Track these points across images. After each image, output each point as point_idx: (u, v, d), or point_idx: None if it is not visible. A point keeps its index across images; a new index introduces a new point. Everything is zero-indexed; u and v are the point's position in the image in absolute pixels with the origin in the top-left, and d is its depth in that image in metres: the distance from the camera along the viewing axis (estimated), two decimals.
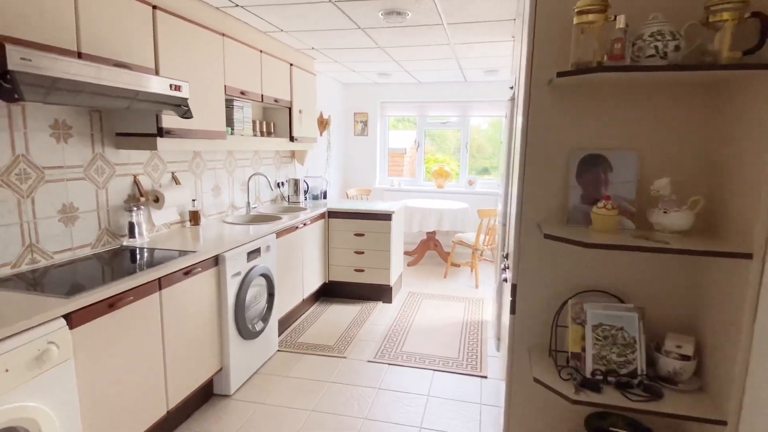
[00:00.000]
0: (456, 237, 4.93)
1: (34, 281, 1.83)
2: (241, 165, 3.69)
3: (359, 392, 2.65)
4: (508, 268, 1.97)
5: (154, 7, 2.25)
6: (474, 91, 5.79)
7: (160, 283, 2.01)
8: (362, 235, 4.02)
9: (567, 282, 1.59)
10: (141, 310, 1.91)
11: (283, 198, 4.38)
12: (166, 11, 2.32)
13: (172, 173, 2.90)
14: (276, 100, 3.56)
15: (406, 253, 5.80)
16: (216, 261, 2.43)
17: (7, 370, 1.31)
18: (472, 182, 5.98)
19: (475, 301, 4.23)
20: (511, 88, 2.77)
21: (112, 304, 1.75)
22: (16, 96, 1.42)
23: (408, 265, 5.44)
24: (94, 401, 1.69)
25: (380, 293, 4.15)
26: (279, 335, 3.34)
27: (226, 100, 3.07)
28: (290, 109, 3.85)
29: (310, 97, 4.20)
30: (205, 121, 2.68)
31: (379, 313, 3.89)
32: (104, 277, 1.88)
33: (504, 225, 2.54)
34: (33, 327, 1.42)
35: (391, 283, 4.11)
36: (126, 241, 2.49)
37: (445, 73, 5.14)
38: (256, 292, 2.82)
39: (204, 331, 2.36)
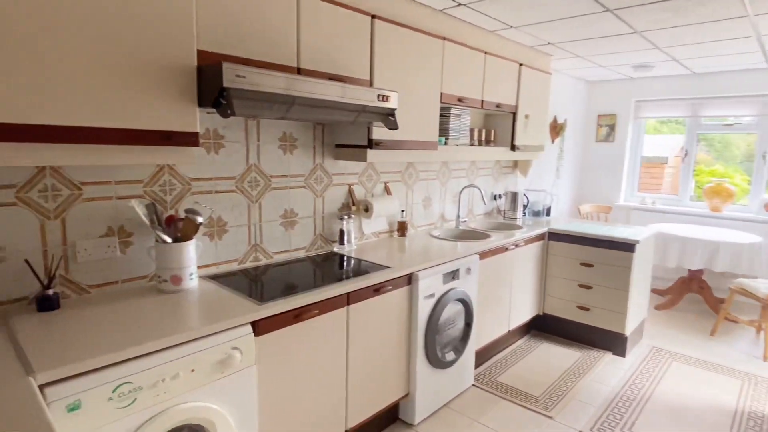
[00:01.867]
0: (737, 282, 3.57)
1: (254, 277, 2.01)
2: (455, 176, 3.49)
3: None
4: None
5: (373, 16, 2.22)
6: None
7: (348, 299, 1.95)
8: (591, 265, 3.28)
9: None
10: (326, 323, 1.88)
11: (498, 212, 4.00)
12: (384, 19, 2.27)
13: (385, 183, 2.90)
14: (498, 106, 3.21)
15: (654, 291, 4.60)
16: (409, 280, 2.26)
17: (192, 370, 1.39)
18: None
19: (760, 382, 2.94)
20: None
21: (297, 315, 1.75)
22: (229, 112, 1.52)
23: (656, 307, 4.27)
24: (272, 411, 1.72)
25: (610, 342, 3.32)
26: (476, 367, 3.00)
27: (442, 108, 2.89)
28: (515, 114, 3.43)
29: (541, 100, 3.68)
30: (415, 131, 2.55)
31: (606, 368, 3.10)
32: (314, 280, 1.93)
33: None
34: (222, 331, 1.49)
35: (627, 332, 3.22)
36: (336, 248, 2.58)
37: (736, 58, 3.78)
38: (450, 317, 2.55)
39: (390, 353, 2.23)
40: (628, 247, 3.11)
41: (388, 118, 2.17)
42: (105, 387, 1.20)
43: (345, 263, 2.30)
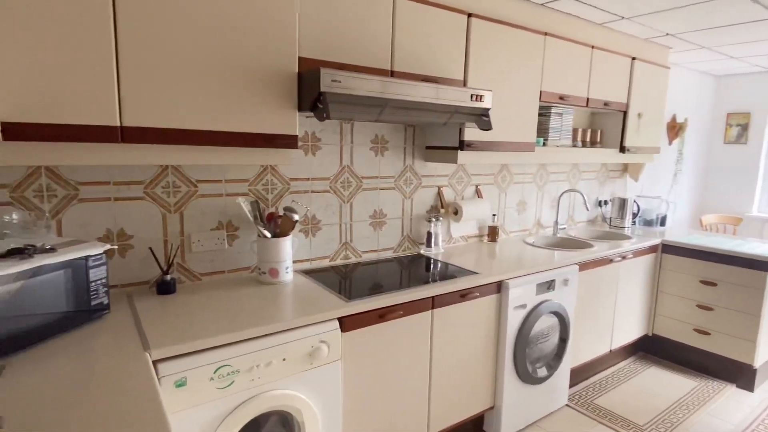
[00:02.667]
0: None
1: (344, 274, 2.07)
2: (554, 179, 3.28)
3: None
4: None
5: (470, 14, 2.17)
6: None
7: (433, 302, 1.93)
8: (713, 284, 2.87)
9: None
10: (410, 325, 1.87)
11: (603, 220, 3.68)
12: (481, 17, 2.21)
13: (476, 186, 2.82)
14: (606, 104, 2.95)
15: None
16: (498, 288, 2.17)
17: (284, 359, 1.47)
18: None
19: None
20: None
21: (382, 315, 1.77)
22: (325, 115, 1.58)
23: None
24: (355, 407, 1.75)
25: (734, 372, 2.88)
26: (571, 386, 2.79)
27: (541, 107, 2.74)
28: (625, 113, 3.13)
29: (656, 97, 3.32)
30: (511, 131, 2.44)
31: (728, 402, 2.69)
32: (400, 282, 1.94)
33: None
34: (311, 324, 1.55)
35: (756, 363, 2.77)
36: (423, 250, 2.56)
37: None
38: (544, 331, 2.39)
39: (476, 362, 2.15)
40: (762, 265, 2.67)
41: (482, 118, 2.10)
42: (208, 367, 1.31)
43: (431, 266, 2.28)
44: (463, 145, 2.25)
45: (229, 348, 1.36)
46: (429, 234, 2.55)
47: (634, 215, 3.51)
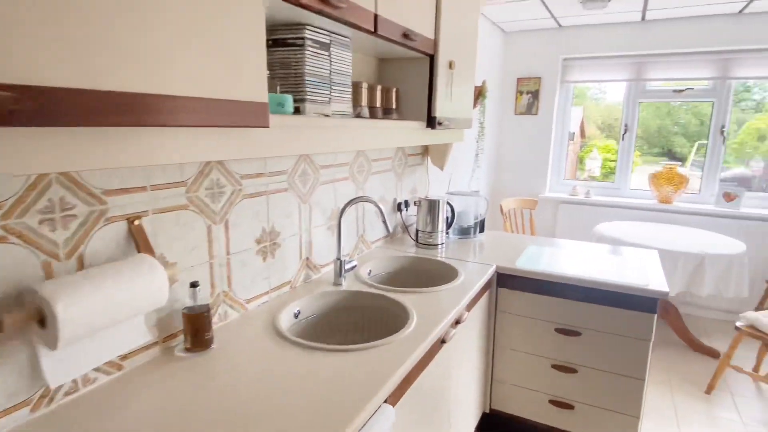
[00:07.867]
0: (747, 316, 2.48)
1: None
2: (327, 179, 1.77)
3: None
4: None
5: None
6: (754, 31, 3.17)
7: None
8: (576, 333, 1.86)
9: None
10: None
11: (405, 230, 2.40)
12: None
13: (130, 221, 1.06)
14: (406, 35, 1.54)
15: None
16: None
17: None
18: (731, 197, 3.39)
19: None
20: None
21: None
22: None
23: None
24: None
25: None
26: None
27: (282, 26, 1.14)
28: (432, 58, 1.81)
29: (469, 39, 2.11)
30: (195, 72, 0.75)
31: None
32: None
33: None
34: None
35: None
36: None
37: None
38: None
39: None
40: (645, 303, 1.72)
41: None
42: None
43: None
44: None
45: None
46: None
47: (448, 224, 2.33)
